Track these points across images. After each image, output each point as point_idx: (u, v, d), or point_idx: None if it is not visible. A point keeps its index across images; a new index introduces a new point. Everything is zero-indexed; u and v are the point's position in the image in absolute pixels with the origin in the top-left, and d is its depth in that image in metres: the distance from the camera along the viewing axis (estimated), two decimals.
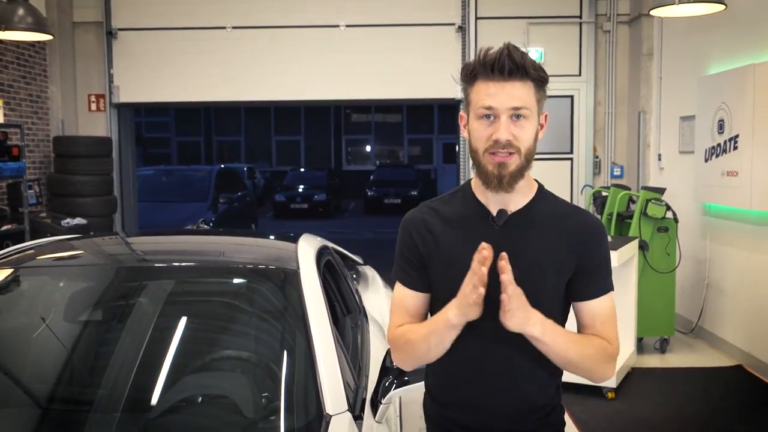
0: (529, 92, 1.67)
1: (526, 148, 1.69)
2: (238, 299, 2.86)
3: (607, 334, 1.77)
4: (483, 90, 1.68)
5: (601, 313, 1.77)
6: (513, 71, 1.65)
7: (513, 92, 1.65)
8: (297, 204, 20.78)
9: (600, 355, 1.75)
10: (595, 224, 1.81)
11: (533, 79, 1.68)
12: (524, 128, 1.68)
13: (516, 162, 1.68)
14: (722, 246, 6.10)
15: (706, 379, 5.45)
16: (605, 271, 1.79)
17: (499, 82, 1.66)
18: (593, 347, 1.74)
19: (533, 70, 1.67)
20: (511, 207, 1.75)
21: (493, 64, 1.66)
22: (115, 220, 8.27)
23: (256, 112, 29.39)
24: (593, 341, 1.76)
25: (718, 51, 6.11)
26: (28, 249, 3.20)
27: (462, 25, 8.04)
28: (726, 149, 5.73)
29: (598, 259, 1.77)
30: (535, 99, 1.69)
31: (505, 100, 1.65)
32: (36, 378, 2.50)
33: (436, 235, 1.78)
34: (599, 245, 1.78)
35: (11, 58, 7.32)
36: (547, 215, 1.77)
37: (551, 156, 8.11)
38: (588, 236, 1.77)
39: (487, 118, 1.68)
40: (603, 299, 1.77)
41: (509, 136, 1.66)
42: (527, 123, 1.68)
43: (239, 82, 8.13)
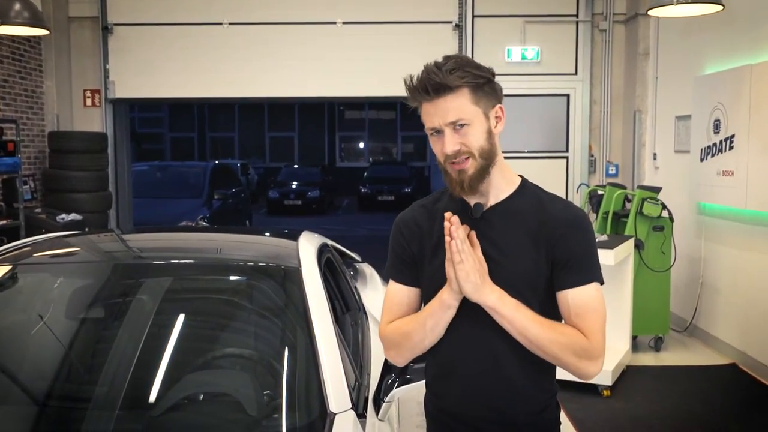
0: (463, 101, 1.73)
1: (478, 149, 1.75)
2: (240, 297, 2.85)
3: (584, 327, 1.74)
4: (424, 111, 1.78)
5: (577, 304, 1.75)
6: (438, 89, 1.72)
7: (446, 107, 1.73)
8: (290, 200, 20.76)
9: (569, 345, 1.72)
10: (573, 214, 1.80)
11: (465, 86, 1.73)
12: (468, 134, 1.75)
13: (473, 165, 1.75)
14: (717, 245, 6.13)
15: (701, 378, 5.48)
16: (586, 262, 1.78)
17: (432, 101, 1.75)
18: (562, 335, 1.73)
19: (458, 79, 1.72)
20: (490, 201, 1.82)
21: (419, 88, 1.75)
22: (110, 216, 8.25)
23: (250, 108, 29.31)
24: (565, 330, 1.75)
25: (714, 51, 6.14)
26: (24, 246, 3.19)
27: (459, 23, 8.04)
28: (722, 149, 5.76)
29: (575, 249, 1.76)
30: (471, 103, 1.74)
31: (442, 116, 1.74)
32: (33, 375, 2.50)
33: (424, 229, 1.89)
34: (576, 235, 1.77)
35: (6, 52, 7.28)
36: (525, 207, 1.81)
37: (547, 154, 8.13)
38: (564, 226, 1.77)
39: (436, 133, 1.78)
40: (580, 290, 1.76)
41: (455, 146, 1.74)
42: (470, 128, 1.75)
43: (236, 79, 8.11)
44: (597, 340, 1.75)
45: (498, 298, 1.72)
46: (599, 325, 1.76)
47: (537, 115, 8.07)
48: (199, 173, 11.62)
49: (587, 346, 1.74)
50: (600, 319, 1.77)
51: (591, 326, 1.75)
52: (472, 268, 1.71)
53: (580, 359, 1.74)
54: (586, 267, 1.78)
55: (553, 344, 1.72)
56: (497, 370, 1.81)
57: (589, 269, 1.78)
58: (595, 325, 1.75)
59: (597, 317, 1.76)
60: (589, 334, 1.75)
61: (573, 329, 1.75)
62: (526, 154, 7.97)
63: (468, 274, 1.70)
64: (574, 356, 1.73)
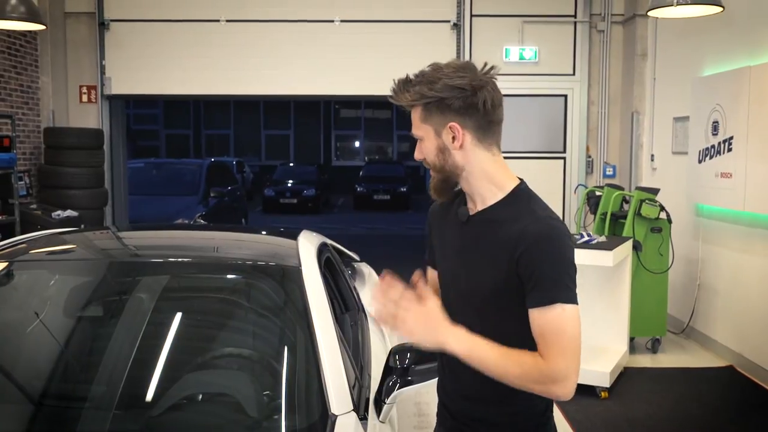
0: (415, 117, 1.84)
1: (430, 162, 1.85)
2: (239, 296, 2.83)
3: (544, 349, 1.69)
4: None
5: (539, 324, 1.70)
6: (400, 105, 1.85)
7: (412, 118, 1.85)
8: (286, 199, 20.74)
9: (527, 374, 1.69)
10: (541, 229, 1.73)
11: (415, 104, 1.82)
12: (422, 148, 1.85)
13: (434, 175, 1.88)
14: (714, 247, 6.13)
15: (698, 380, 5.48)
16: (548, 281, 1.70)
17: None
18: (519, 366, 1.69)
19: (408, 98, 1.81)
20: (477, 206, 1.86)
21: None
22: (106, 213, 8.21)
23: (246, 105, 29.28)
24: (522, 359, 1.70)
25: (713, 52, 6.13)
26: (20, 243, 3.16)
27: (457, 22, 8.03)
28: (720, 151, 5.76)
29: (537, 267, 1.70)
30: (421, 120, 1.83)
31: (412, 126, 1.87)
32: (29, 373, 2.47)
33: (440, 222, 2.00)
34: (540, 252, 1.71)
35: (2, 47, 7.24)
36: (505, 218, 1.80)
37: (544, 155, 8.13)
38: (528, 242, 1.72)
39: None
40: (541, 311, 1.69)
41: (418, 155, 1.88)
42: (422, 143, 1.85)
43: (232, 76, 8.08)
44: (556, 362, 1.68)
45: (454, 340, 1.71)
46: (559, 347, 1.68)
47: (534, 116, 8.06)
48: (195, 171, 11.56)
49: (546, 371, 1.68)
50: (562, 341, 1.69)
51: (551, 349, 1.68)
52: (416, 323, 1.71)
53: (543, 384, 1.69)
54: (548, 287, 1.70)
55: (511, 376, 1.70)
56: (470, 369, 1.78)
57: (551, 289, 1.70)
58: (554, 348, 1.68)
59: (558, 339, 1.69)
60: (548, 356, 1.68)
61: (531, 357, 1.70)
62: (524, 154, 7.95)
63: (411, 331, 1.71)
64: (536, 383, 1.70)
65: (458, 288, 1.88)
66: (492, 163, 1.82)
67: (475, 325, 1.77)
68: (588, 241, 5.18)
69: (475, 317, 1.81)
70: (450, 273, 1.91)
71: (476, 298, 1.82)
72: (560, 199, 8.07)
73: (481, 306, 1.82)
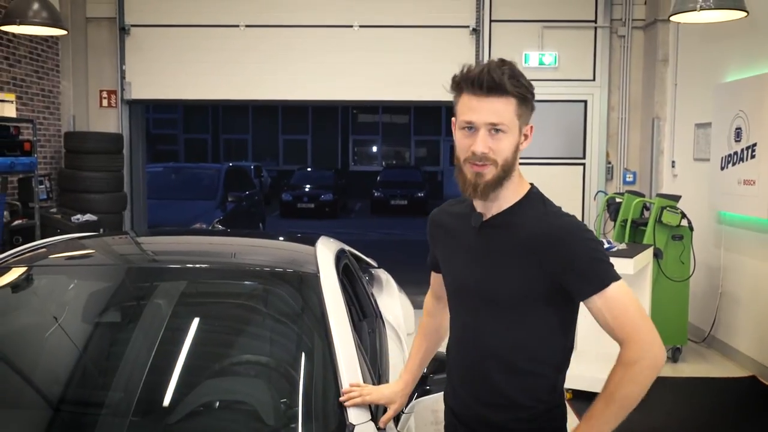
0: (508, 108, 1.75)
1: (503, 160, 1.76)
2: (257, 302, 2.81)
3: (623, 330, 1.73)
4: (466, 103, 1.77)
5: (609, 308, 1.74)
6: (492, 88, 1.73)
7: (492, 107, 1.73)
8: (304, 203, 20.77)
9: (631, 379, 1.72)
10: (560, 229, 1.77)
11: (515, 96, 1.75)
12: (501, 141, 1.75)
13: (492, 172, 1.76)
14: (737, 255, 6.04)
15: (719, 390, 5.40)
16: (589, 269, 1.74)
17: (480, 97, 1.74)
18: (621, 384, 1.73)
19: (513, 87, 1.74)
20: (492, 211, 1.84)
21: (473, 80, 1.75)
22: (125, 218, 8.25)
23: (264, 110, 29.39)
24: (614, 378, 1.74)
25: (736, 58, 6.06)
26: (39, 247, 3.17)
27: (476, 27, 8.00)
28: (743, 158, 5.68)
29: (572, 261, 1.74)
30: (515, 114, 1.76)
31: (484, 116, 1.74)
32: (46, 379, 2.46)
33: (444, 227, 1.99)
34: (567, 248, 1.75)
35: (24, 52, 7.30)
36: (522, 221, 1.81)
37: (563, 161, 8.07)
38: (546, 242, 1.76)
39: (469, 129, 1.77)
40: (602, 296, 1.73)
41: (485, 149, 1.74)
42: (505, 137, 1.76)
43: (251, 81, 8.10)
44: (639, 337, 1.73)
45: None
46: (636, 317, 1.74)
47: (554, 121, 8.00)
48: (213, 175, 11.62)
49: (638, 355, 1.72)
50: (633, 312, 1.75)
51: (629, 323, 1.74)
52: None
53: (648, 367, 1.73)
54: (594, 273, 1.75)
55: (636, 398, 1.74)
56: (482, 374, 1.87)
57: (598, 273, 1.75)
58: (631, 321, 1.73)
59: (630, 313, 1.74)
60: (631, 333, 1.73)
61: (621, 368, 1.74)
62: (543, 160, 7.91)
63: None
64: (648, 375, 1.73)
65: (475, 292, 1.87)
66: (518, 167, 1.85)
67: (493, 327, 1.84)
68: (608, 249, 5.12)
69: (493, 320, 1.85)
70: (464, 278, 1.90)
71: (497, 301, 1.83)
72: (580, 206, 8.00)
73: (502, 308, 1.83)
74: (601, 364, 5.05)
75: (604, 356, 1.83)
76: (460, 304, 1.92)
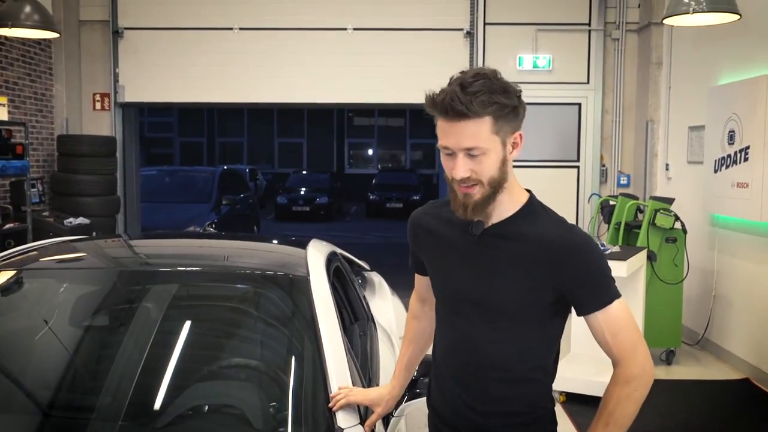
0: (483, 128, 1.66)
1: (488, 178, 1.71)
2: (247, 305, 2.80)
3: (622, 348, 1.77)
4: (441, 128, 1.70)
5: (609, 325, 1.77)
6: (462, 113, 1.65)
7: (465, 132, 1.66)
8: (299, 206, 20.75)
9: (628, 396, 1.77)
10: (577, 239, 1.77)
11: (489, 114, 1.66)
12: (482, 162, 1.69)
13: (480, 191, 1.72)
14: (730, 258, 6.05)
15: (713, 392, 5.40)
16: (602, 284, 1.77)
17: (452, 122, 1.67)
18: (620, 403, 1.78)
19: (482, 107, 1.64)
20: (492, 219, 1.79)
21: (439, 108, 1.68)
22: (118, 221, 8.22)
23: (260, 113, 29.35)
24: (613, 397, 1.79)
25: (729, 61, 6.07)
26: (30, 250, 3.15)
27: (470, 30, 8.00)
28: (736, 160, 5.69)
29: (587, 273, 1.76)
30: (491, 132, 1.68)
31: (458, 141, 1.67)
32: (36, 383, 2.45)
33: (430, 231, 1.92)
34: (581, 261, 1.75)
35: (17, 55, 7.28)
36: (525, 230, 1.78)
37: (558, 164, 8.07)
38: (566, 254, 1.74)
39: (448, 154, 1.72)
40: (605, 312, 1.76)
41: (466, 173, 1.69)
42: (485, 158, 1.69)
43: (245, 84, 8.10)
44: (635, 356, 1.78)
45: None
46: (634, 337, 1.79)
47: (548, 124, 8.01)
48: (207, 178, 11.58)
49: (633, 373, 1.77)
50: (632, 331, 1.79)
51: (625, 342, 1.79)
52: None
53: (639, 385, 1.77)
54: (604, 288, 1.78)
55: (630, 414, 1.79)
56: (478, 381, 1.84)
57: (607, 289, 1.78)
58: (630, 338, 1.78)
59: (629, 331, 1.79)
60: (629, 352, 1.78)
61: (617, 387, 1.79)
62: (537, 163, 7.91)
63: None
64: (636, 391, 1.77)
65: (472, 300, 1.82)
66: (513, 174, 1.81)
67: (490, 335, 1.80)
68: None
69: (490, 328, 1.81)
70: (457, 285, 1.84)
71: (497, 309, 1.80)
72: (574, 209, 8.01)
73: (501, 317, 1.80)
74: (594, 367, 5.06)
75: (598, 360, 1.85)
76: (453, 310, 1.87)
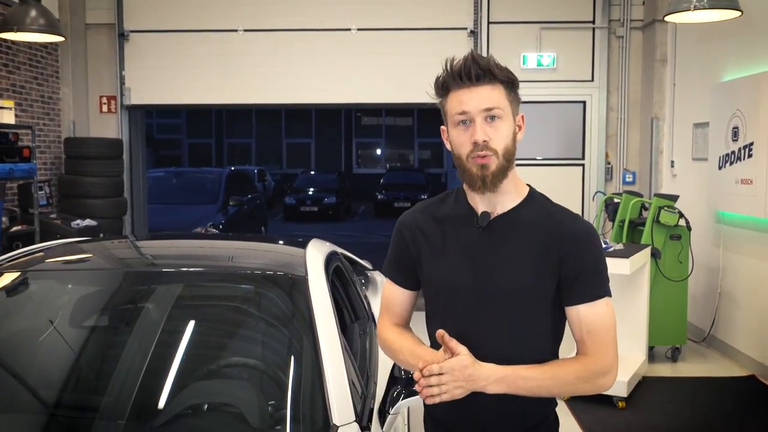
0: (499, 94, 1.74)
1: (503, 149, 1.74)
2: (245, 305, 2.82)
3: (594, 343, 1.76)
4: (456, 99, 1.75)
5: (589, 320, 1.76)
6: (480, 76, 1.72)
7: (483, 95, 1.72)
8: (307, 207, 20.79)
9: (579, 378, 1.74)
10: (583, 228, 1.80)
11: (502, 81, 1.75)
12: (499, 129, 1.73)
13: (495, 162, 1.73)
14: (735, 254, 6.03)
15: (719, 389, 5.39)
16: (596, 277, 1.77)
17: (470, 87, 1.73)
18: (568, 374, 1.74)
19: (499, 71, 1.74)
20: (497, 210, 1.80)
21: (460, 72, 1.73)
22: (125, 222, 8.27)
23: (267, 114, 29.43)
24: (567, 367, 1.75)
25: (732, 58, 6.05)
26: (37, 251, 3.19)
27: (474, 29, 8.00)
28: (740, 157, 5.67)
29: (582, 265, 1.75)
30: (507, 100, 1.75)
31: (477, 103, 1.72)
32: (41, 383, 2.47)
33: (426, 232, 1.87)
34: (583, 251, 1.76)
35: (23, 59, 7.34)
36: (531, 219, 1.80)
37: (562, 161, 8.06)
38: (571, 242, 1.76)
39: (464, 123, 1.74)
40: (591, 306, 1.76)
41: (485, 136, 1.72)
42: (502, 123, 1.74)
43: (250, 85, 8.13)
44: (606, 355, 1.76)
45: (496, 382, 1.70)
46: (609, 339, 1.78)
47: (553, 122, 8.00)
48: (214, 179, 11.63)
49: (597, 367, 1.75)
50: (610, 333, 1.78)
51: (601, 343, 1.77)
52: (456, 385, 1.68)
53: (593, 381, 1.75)
54: (596, 282, 1.77)
55: (566, 387, 1.76)
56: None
57: (600, 285, 1.78)
58: (605, 341, 1.77)
59: (607, 332, 1.77)
60: (598, 351, 1.76)
61: (575, 361, 1.76)
62: (542, 161, 7.91)
63: (454, 394, 1.68)
64: (587, 383, 1.76)
65: (477, 294, 1.78)
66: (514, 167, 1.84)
67: (492, 329, 1.78)
68: (605, 249, 5.12)
69: (494, 321, 1.78)
70: (463, 280, 1.80)
71: (503, 300, 1.77)
72: (579, 207, 7.99)
73: (506, 308, 1.77)
74: None
75: None
76: (457, 306, 1.81)
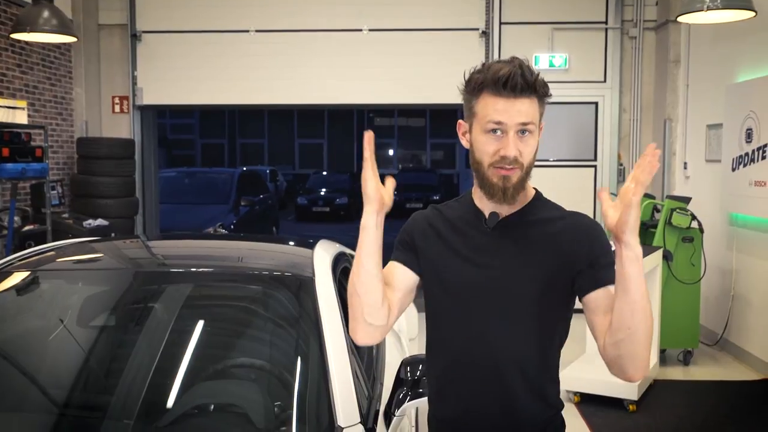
0: (534, 108, 1.72)
1: (528, 162, 1.75)
2: (253, 306, 2.82)
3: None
4: (491, 104, 1.71)
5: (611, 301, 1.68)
6: (524, 89, 1.69)
7: (521, 108, 1.70)
8: (319, 207, 20.81)
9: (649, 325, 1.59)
10: (587, 224, 1.80)
11: (539, 96, 1.74)
12: (528, 144, 1.73)
13: (518, 175, 1.74)
14: (749, 257, 5.98)
15: (731, 393, 5.34)
16: (605, 265, 1.72)
17: (509, 98, 1.69)
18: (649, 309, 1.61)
19: (541, 87, 1.72)
20: (504, 211, 1.80)
21: (505, 81, 1.69)
22: (137, 222, 8.31)
23: (280, 114, 29.52)
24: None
25: (746, 58, 6.00)
26: (48, 250, 3.20)
27: (486, 30, 7.98)
28: (754, 158, 5.62)
29: (597, 253, 1.74)
30: (539, 113, 1.75)
31: (515, 116, 1.70)
32: (50, 382, 2.48)
33: (436, 229, 1.88)
34: (594, 242, 1.76)
35: (36, 59, 7.38)
36: (539, 219, 1.81)
37: (575, 163, 8.03)
38: (579, 234, 1.76)
39: (494, 132, 1.72)
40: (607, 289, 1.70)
41: (516, 152, 1.71)
42: (531, 138, 1.73)
43: (262, 86, 8.14)
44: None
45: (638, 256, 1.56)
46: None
47: (565, 123, 7.97)
48: (226, 180, 11.67)
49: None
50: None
51: None
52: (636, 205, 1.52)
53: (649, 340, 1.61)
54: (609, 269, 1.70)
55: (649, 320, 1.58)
56: (501, 385, 1.77)
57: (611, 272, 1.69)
58: None
59: None
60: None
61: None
62: (554, 162, 7.88)
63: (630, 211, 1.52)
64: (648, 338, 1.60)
65: (488, 295, 1.76)
66: None
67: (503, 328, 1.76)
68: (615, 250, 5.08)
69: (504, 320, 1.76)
70: (474, 282, 1.77)
71: (513, 300, 1.75)
72: (591, 208, 7.94)
73: (517, 307, 1.75)
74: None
75: None
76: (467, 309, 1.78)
